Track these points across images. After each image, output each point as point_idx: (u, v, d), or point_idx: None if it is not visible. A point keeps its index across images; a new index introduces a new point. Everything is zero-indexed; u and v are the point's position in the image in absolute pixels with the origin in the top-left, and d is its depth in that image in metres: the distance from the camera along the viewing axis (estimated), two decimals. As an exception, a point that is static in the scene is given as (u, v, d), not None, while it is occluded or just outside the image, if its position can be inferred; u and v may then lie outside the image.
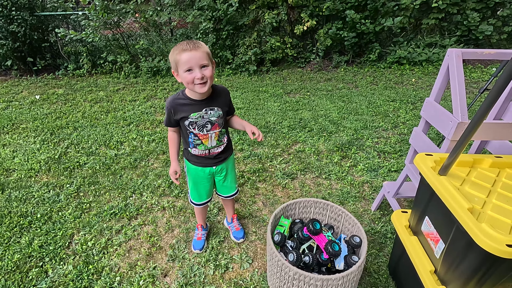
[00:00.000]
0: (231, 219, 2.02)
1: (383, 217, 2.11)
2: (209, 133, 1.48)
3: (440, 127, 1.46)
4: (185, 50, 1.27)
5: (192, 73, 1.29)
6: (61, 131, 3.47)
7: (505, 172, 1.30)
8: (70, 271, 1.76)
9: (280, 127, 3.41)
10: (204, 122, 1.44)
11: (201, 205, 1.78)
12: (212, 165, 1.61)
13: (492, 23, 5.17)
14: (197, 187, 1.69)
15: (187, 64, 1.28)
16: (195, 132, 1.47)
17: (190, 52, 1.27)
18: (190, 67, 1.28)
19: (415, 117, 3.60)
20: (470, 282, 1.08)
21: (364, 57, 5.67)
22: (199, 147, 1.52)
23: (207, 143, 1.51)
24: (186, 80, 1.31)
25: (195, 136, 1.48)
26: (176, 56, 1.29)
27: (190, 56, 1.26)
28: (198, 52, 1.28)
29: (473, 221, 0.99)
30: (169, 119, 1.48)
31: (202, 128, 1.45)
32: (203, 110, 1.43)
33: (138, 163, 2.83)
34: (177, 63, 1.30)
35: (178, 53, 1.28)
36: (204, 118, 1.44)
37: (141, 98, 4.41)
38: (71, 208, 2.25)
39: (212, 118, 1.45)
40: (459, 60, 1.38)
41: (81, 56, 5.64)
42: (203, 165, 1.60)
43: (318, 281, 1.30)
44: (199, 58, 1.28)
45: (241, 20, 5.29)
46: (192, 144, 1.51)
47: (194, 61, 1.27)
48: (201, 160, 1.58)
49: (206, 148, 1.52)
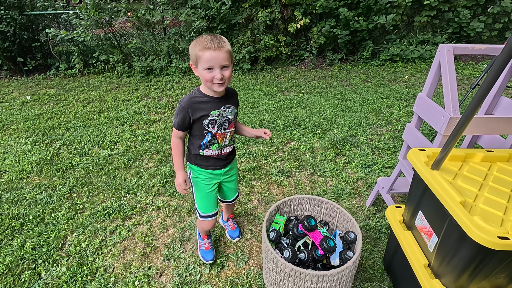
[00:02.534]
0: (227, 218, 2.01)
1: (378, 213, 2.13)
2: (225, 132, 1.44)
3: (432, 122, 1.47)
4: (209, 48, 1.21)
5: (212, 72, 1.25)
6: (53, 131, 3.42)
7: (496, 166, 1.32)
8: (64, 272, 1.74)
9: (275, 125, 3.41)
10: (223, 120, 1.40)
11: (212, 217, 1.64)
12: (222, 167, 1.55)
13: (483, 20, 5.24)
14: (207, 196, 1.58)
15: (208, 63, 1.23)
16: (214, 132, 1.41)
17: (214, 51, 1.21)
18: (211, 66, 1.24)
19: (408, 113, 3.63)
20: (463, 275, 1.09)
21: (358, 54, 5.70)
22: (212, 147, 1.45)
23: (221, 142, 1.46)
24: (205, 78, 1.27)
25: (213, 136, 1.42)
26: (198, 52, 1.24)
27: (213, 55, 1.22)
28: (221, 52, 1.23)
29: (466, 214, 1.00)
30: (184, 120, 1.37)
31: (221, 126, 1.41)
32: (221, 107, 1.39)
33: (132, 163, 2.80)
34: (198, 59, 1.25)
35: (201, 49, 1.22)
36: (223, 116, 1.40)
37: (135, 97, 4.37)
38: (64, 209, 2.22)
39: (230, 116, 1.42)
40: (450, 56, 1.40)
41: (73, 55, 5.56)
42: (214, 167, 1.53)
43: (314, 277, 1.30)
44: (221, 59, 1.23)
45: (234, 19, 5.27)
46: (204, 146, 1.44)
47: (216, 61, 1.23)
48: (212, 162, 1.51)
49: (219, 147, 1.47)
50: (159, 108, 4.01)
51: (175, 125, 1.40)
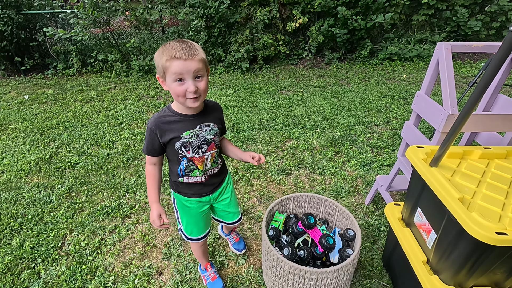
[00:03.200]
0: (229, 232, 1.85)
1: (377, 211, 2.14)
2: (205, 155, 1.23)
3: (431, 119, 1.48)
4: (178, 58, 1.03)
5: (184, 85, 1.06)
6: (51, 131, 3.41)
7: (494, 163, 1.33)
8: (63, 271, 1.74)
9: (274, 124, 3.41)
10: (199, 142, 1.20)
11: (202, 239, 1.46)
12: (209, 193, 1.35)
13: (480, 18, 5.26)
14: (195, 221, 1.40)
15: (178, 74, 1.05)
16: (189, 156, 1.21)
17: (184, 62, 1.03)
18: (181, 77, 1.06)
19: (407, 112, 3.64)
20: (462, 271, 1.10)
21: (356, 53, 5.71)
22: (193, 173, 1.26)
23: (202, 168, 1.26)
24: (176, 92, 1.08)
25: (189, 161, 1.22)
26: (166, 62, 1.05)
27: (183, 65, 1.03)
28: (193, 62, 1.04)
29: (464, 210, 1.01)
30: (152, 144, 1.19)
31: (197, 149, 1.21)
32: (197, 127, 1.19)
33: (131, 162, 2.80)
34: (165, 71, 1.06)
35: (169, 59, 1.04)
36: (200, 136, 1.20)
37: (133, 97, 4.36)
38: (63, 209, 2.22)
39: (208, 136, 1.22)
40: (448, 53, 1.40)
41: (71, 55, 5.54)
42: (199, 195, 1.33)
43: (313, 275, 1.30)
44: (193, 68, 1.05)
45: (233, 18, 5.27)
46: (183, 172, 1.25)
47: (187, 71, 1.04)
48: (196, 189, 1.31)
49: (201, 173, 1.27)
50: (157, 107, 4.00)
51: (145, 150, 1.22)
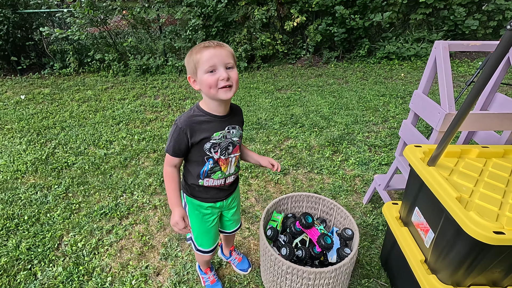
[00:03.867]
0: (229, 253, 1.76)
1: (375, 210, 2.13)
2: (230, 157, 1.22)
3: (428, 118, 1.47)
4: (207, 47, 1.03)
5: (216, 74, 1.03)
6: (48, 131, 3.39)
7: (492, 162, 1.33)
8: (60, 272, 1.73)
9: (272, 123, 3.41)
10: (227, 143, 1.18)
11: (209, 253, 1.43)
12: (224, 198, 1.32)
13: (477, 18, 5.27)
14: (207, 231, 1.37)
15: (209, 63, 1.02)
16: (216, 158, 1.18)
17: (214, 49, 1.03)
18: (213, 67, 1.03)
19: (405, 111, 3.64)
20: (460, 270, 1.10)
21: (354, 52, 5.71)
22: (214, 175, 1.22)
23: (225, 170, 1.23)
24: (208, 82, 1.04)
25: (215, 162, 1.19)
26: (196, 55, 1.04)
27: (214, 53, 1.02)
28: (223, 50, 1.04)
29: (461, 209, 1.01)
30: (179, 144, 1.13)
31: (224, 151, 1.19)
32: (225, 128, 1.16)
33: (129, 162, 2.78)
34: (197, 63, 1.04)
35: (198, 51, 1.04)
36: (227, 138, 1.18)
37: (131, 96, 4.34)
38: (59, 209, 2.20)
39: (234, 138, 1.20)
40: (446, 52, 1.40)
41: (67, 54, 5.50)
42: (215, 200, 1.30)
43: (311, 274, 1.30)
44: (224, 56, 1.04)
45: (230, 17, 5.25)
46: (205, 174, 1.21)
47: (218, 59, 1.03)
48: (213, 193, 1.28)
49: (223, 176, 1.24)
50: (155, 107, 3.99)
51: (169, 150, 1.14)
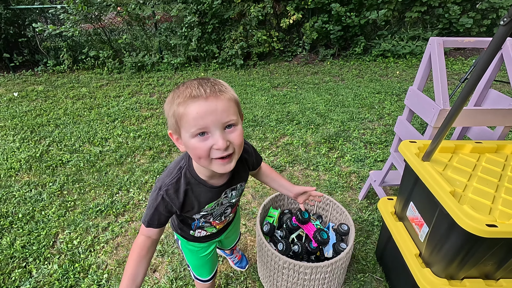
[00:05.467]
0: (230, 251, 1.69)
1: (370, 206, 2.15)
2: (227, 217, 1.08)
3: (423, 114, 1.49)
4: (195, 97, 0.69)
5: (208, 140, 0.72)
6: (42, 128, 3.35)
7: (485, 157, 1.35)
8: (55, 270, 1.72)
9: (268, 121, 3.41)
10: (223, 209, 1.00)
11: (209, 281, 1.30)
12: (220, 235, 1.19)
13: (472, 16, 5.32)
14: (204, 263, 1.25)
15: (198, 123, 0.70)
16: (208, 220, 1.02)
17: (206, 101, 0.69)
18: (204, 129, 0.71)
19: (400, 108, 3.67)
20: (453, 263, 1.11)
21: (350, 50, 5.73)
22: (208, 229, 1.08)
23: (220, 226, 1.10)
24: (196, 153, 0.74)
25: (206, 222, 1.03)
26: (178, 107, 0.71)
27: (204, 109, 0.69)
28: (219, 101, 0.71)
29: (455, 203, 1.02)
30: (159, 217, 0.87)
31: (219, 216, 1.02)
32: (222, 194, 0.94)
33: (124, 159, 2.77)
34: (179, 120, 0.72)
35: (183, 102, 0.70)
36: (224, 204, 0.98)
37: (126, 94, 4.30)
38: (54, 207, 2.19)
39: (233, 200, 1.01)
40: (440, 48, 1.41)
41: (61, 51, 5.43)
42: (209, 240, 1.16)
43: (308, 269, 1.31)
44: (221, 112, 0.71)
45: (226, 14, 5.23)
46: (195, 227, 1.05)
47: (212, 119, 0.70)
48: (208, 238, 1.15)
49: (217, 229, 1.12)
50: (151, 104, 3.96)
51: (149, 222, 0.87)
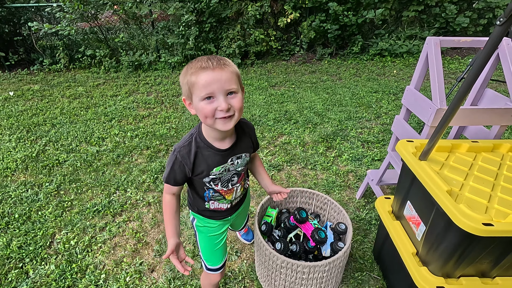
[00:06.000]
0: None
1: (368, 205, 2.16)
2: (234, 187, 1.15)
3: (420, 113, 1.49)
4: (204, 68, 0.87)
5: (214, 103, 0.89)
6: (38, 128, 3.33)
7: (481, 156, 1.36)
8: (53, 270, 1.71)
9: (266, 120, 3.41)
10: (229, 176, 1.10)
11: (220, 269, 1.32)
12: (232, 213, 1.27)
13: (468, 15, 5.34)
14: (215, 247, 1.28)
15: (206, 89, 0.87)
16: (217, 189, 1.12)
17: (213, 72, 0.87)
18: (210, 94, 0.88)
19: (397, 107, 3.68)
20: (450, 261, 1.12)
21: (347, 49, 5.74)
22: (219, 201, 1.17)
23: (230, 197, 1.17)
24: (204, 112, 0.90)
25: (216, 192, 1.13)
26: (191, 77, 0.89)
27: (212, 77, 0.86)
28: (224, 72, 0.88)
29: (452, 202, 1.03)
30: (176, 175, 1.04)
31: (226, 183, 1.11)
32: (228, 160, 1.06)
33: (121, 159, 2.76)
34: (192, 87, 0.90)
35: (195, 72, 0.88)
36: (230, 170, 1.08)
37: (123, 93, 4.28)
38: (51, 207, 2.18)
39: (239, 168, 1.11)
40: (437, 48, 1.42)
41: (57, 50, 5.40)
42: (221, 218, 1.24)
43: (305, 268, 1.31)
44: (225, 81, 0.88)
45: (224, 13, 5.21)
46: (208, 199, 1.15)
47: (217, 85, 0.87)
48: (220, 214, 1.22)
49: (229, 202, 1.19)
50: (148, 104, 3.95)
51: (166, 179, 1.05)
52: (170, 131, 3.22)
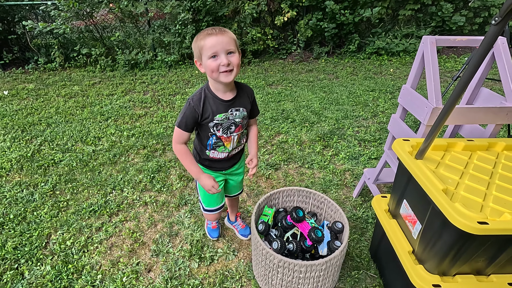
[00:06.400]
0: (234, 218, 1.97)
1: (364, 203, 2.17)
2: (232, 135, 1.38)
3: (416, 112, 1.50)
4: (210, 34, 1.16)
5: (217, 60, 1.18)
6: (33, 127, 3.30)
7: (477, 155, 1.37)
8: (48, 271, 1.70)
9: (263, 119, 3.40)
10: (229, 124, 1.34)
11: (216, 211, 1.63)
12: (228, 167, 1.51)
13: (464, 14, 5.37)
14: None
15: (212, 49, 1.16)
16: (219, 135, 1.35)
17: (216, 36, 1.16)
18: (215, 53, 1.17)
19: (394, 106, 3.69)
20: (446, 259, 1.13)
21: (344, 48, 5.74)
22: (219, 149, 1.40)
23: (228, 146, 1.40)
24: (211, 67, 1.19)
25: (218, 138, 1.37)
26: (200, 41, 1.18)
27: (216, 40, 1.15)
28: (224, 36, 1.17)
29: (447, 201, 1.04)
30: (188, 120, 1.29)
31: (226, 130, 1.35)
32: (228, 110, 1.32)
33: (118, 158, 2.74)
34: (201, 49, 1.19)
35: (203, 37, 1.18)
36: (230, 119, 1.33)
37: (119, 92, 4.25)
38: (47, 207, 2.16)
39: (237, 120, 1.35)
40: (433, 47, 1.42)
41: (52, 49, 5.34)
42: (218, 169, 1.49)
43: (302, 267, 1.32)
44: (226, 43, 1.17)
45: (220, 11, 5.19)
46: (210, 147, 1.39)
47: (220, 46, 1.16)
48: (217, 164, 1.46)
49: (227, 150, 1.42)
50: (144, 103, 3.92)
51: (179, 123, 1.30)
52: (166, 130, 3.21)
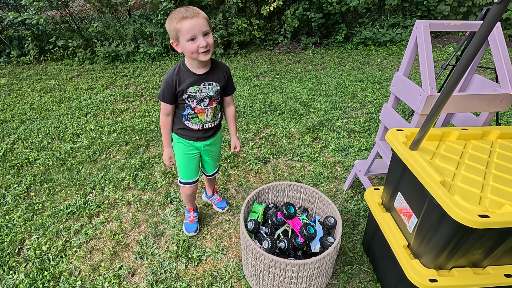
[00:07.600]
0: (211, 193, 2.04)
1: (356, 196, 2.13)
2: (206, 108, 1.45)
3: (410, 101, 1.44)
4: (186, 17, 1.20)
5: (196, 42, 1.24)
6: (5, 125, 3.08)
7: (471, 144, 1.32)
8: (22, 280, 1.57)
9: (251, 111, 3.31)
10: (202, 96, 1.41)
11: (191, 184, 1.69)
12: (200, 140, 1.57)
13: (449, 3, 5.38)
14: (187, 163, 1.62)
15: (190, 33, 1.21)
16: (193, 106, 1.43)
17: (192, 19, 1.20)
18: (193, 36, 1.23)
19: (382, 96, 3.67)
20: (443, 253, 1.08)
21: (331, 38, 5.67)
22: (193, 120, 1.48)
23: (202, 118, 1.48)
24: (190, 49, 1.25)
25: (192, 109, 1.44)
26: (177, 24, 1.22)
27: (192, 24, 1.20)
28: (199, 18, 1.22)
29: (446, 194, 0.98)
30: (165, 92, 1.39)
31: (200, 102, 1.42)
32: (201, 84, 1.39)
33: (98, 156, 2.59)
34: (178, 32, 1.23)
35: (179, 21, 1.21)
36: (203, 92, 1.40)
37: (99, 86, 4.04)
38: (20, 210, 2.01)
39: (210, 93, 1.42)
40: (427, 32, 1.36)
41: (26, 41, 5.02)
42: (193, 139, 1.56)
43: (295, 267, 1.25)
44: (201, 25, 1.22)
45: (204, 0, 5.00)
46: (186, 117, 1.48)
47: (197, 29, 1.22)
48: (192, 134, 1.54)
49: (200, 122, 1.49)
50: (126, 97, 3.74)
51: (160, 97, 1.42)
52: (150, 125, 3.07)
